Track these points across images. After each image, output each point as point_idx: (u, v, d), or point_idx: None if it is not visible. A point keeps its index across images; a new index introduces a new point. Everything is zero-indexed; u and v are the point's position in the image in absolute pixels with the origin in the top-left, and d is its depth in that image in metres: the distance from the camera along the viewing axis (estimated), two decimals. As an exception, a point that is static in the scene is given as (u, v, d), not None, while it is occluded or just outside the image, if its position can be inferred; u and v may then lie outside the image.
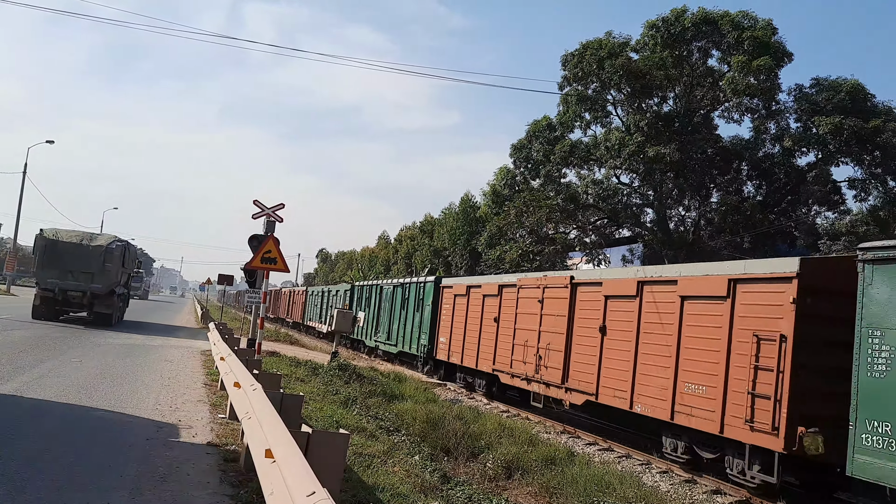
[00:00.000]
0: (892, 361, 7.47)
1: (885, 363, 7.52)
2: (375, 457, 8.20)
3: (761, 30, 28.62)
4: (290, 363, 17.47)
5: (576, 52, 31.99)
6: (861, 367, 7.72)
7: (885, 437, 7.38)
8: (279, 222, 15.25)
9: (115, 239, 25.90)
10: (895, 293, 7.59)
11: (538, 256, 32.75)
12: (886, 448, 7.34)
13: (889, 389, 7.41)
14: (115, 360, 15.42)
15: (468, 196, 51.18)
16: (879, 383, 7.53)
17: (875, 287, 7.77)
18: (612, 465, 11.00)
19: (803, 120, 29.22)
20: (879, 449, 7.42)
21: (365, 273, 65.56)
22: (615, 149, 31.02)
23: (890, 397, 7.39)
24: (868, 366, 7.67)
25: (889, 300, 7.62)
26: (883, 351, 7.56)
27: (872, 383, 7.59)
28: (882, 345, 7.57)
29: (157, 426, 8.58)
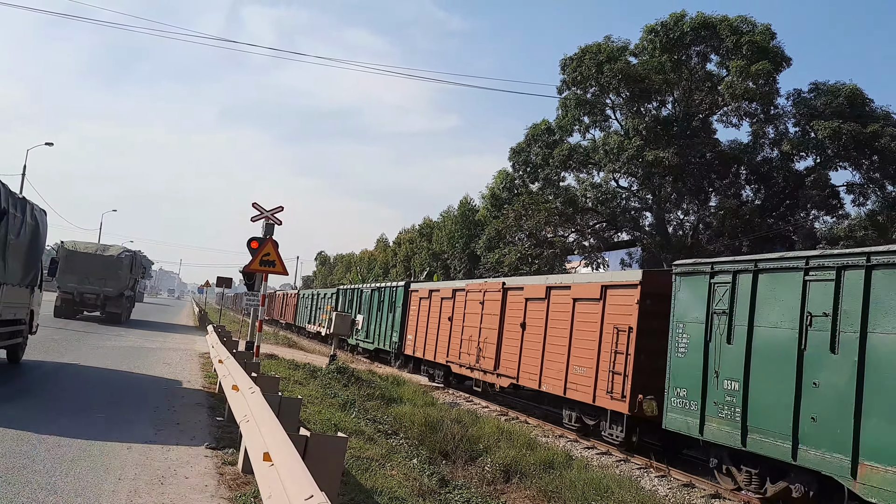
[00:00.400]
0: (689, 345, 10.44)
1: (685, 346, 10.52)
2: (374, 460, 8.19)
3: (760, 35, 28.70)
4: (288, 366, 17.46)
5: (575, 56, 32.05)
6: (671, 349, 10.77)
7: (682, 399, 10.40)
8: (278, 225, 15.26)
9: (125, 250, 30.52)
10: (691, 296, 10.58)
11: (537, 260, 32.76)
12: (683, 407, 10.38)
13: (685, 365, 10.44)
14: (113, 362, 15.40)
15: (467, 199, 51.21)
16: (681, 360, 10.56)
17: (681, 292, 10.82)
18: (610, 468, 10.99)
19: (802, 124, 29.27)
20: (679, 408, 10.43)
21: (364, 276, 65.56)
22: (614, 152, 31.07)
23: (686, 371, 10.41)
24: (675, 348, 10.71)
25: (687, 301, 10.65)
26: (683, 337, 10.57)
27: (677, 361, 10.64)
28: (683, 333, 10.59)
29: (155, 428, 8.57)
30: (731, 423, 9.43)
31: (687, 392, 10.28)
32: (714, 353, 9.95)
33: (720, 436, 9.64)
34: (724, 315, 9.87)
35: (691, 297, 10.59)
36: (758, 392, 9.14)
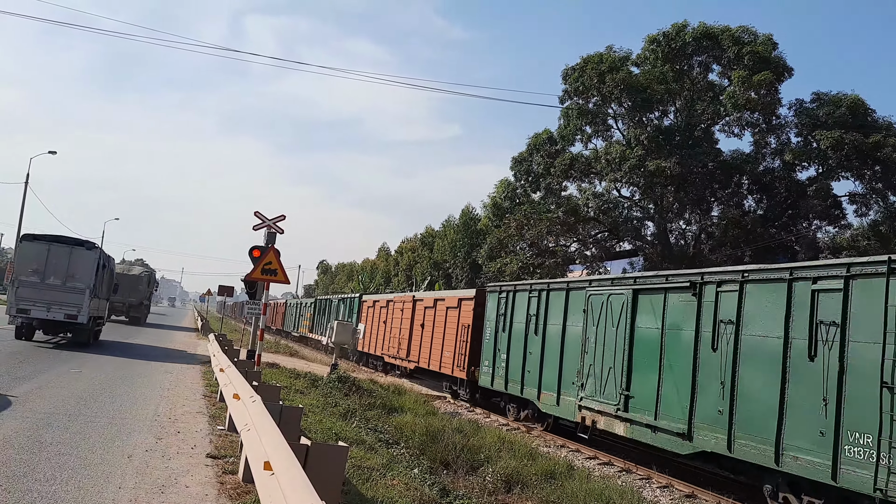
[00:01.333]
0: (489, 334, 17.23)
1: (488, 335, 17.29)
2: (374, 469, 8.16)
3: (761, 45, 28.77)
4: (289, 375, 17.43)
5: (576, 66, 32.14)
6: (484, 337, 17.56)
7: (486, 367, 17.16)
8: (280, 234, 15.28)
9: (144, 270, 41.72)
10: (492, 306, 17.42)
11: (539, 269, 32.74)
12: (486, 372, 17.06)
13: (487, 347, 17.27)
14: (114, 371, 15.39)
15: (469, 208, 51.27)
16: (486, 344, 17.41)
17: (488, 303, 17.68)
18: (612, 479, 10.95)
19: (804, 134, 29.29)
20: (485, 372, 17.15)
21: (365, 285, 65.53)
22: (616, 162, 31.10)
23: (487, 350, 17.25)
24: (483, 337, 17.58)
25: (490, 309, 17.53)
26: (487, 330, 17.43)
27: (484, 344, 17.51)
28: (487, 328, 17.47)
29: (156, 437, 8.56)
30: (504, 378, 16.27)
31: (488, 362, 17.14)
32: (498, 339, 16.80)
33: (499, 386, 16.52)
34: (502, 316, 16.72)
35: (492, 306, 17.48)
36: (512, 361, 16.00)
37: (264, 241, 15.12)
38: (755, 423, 9.20)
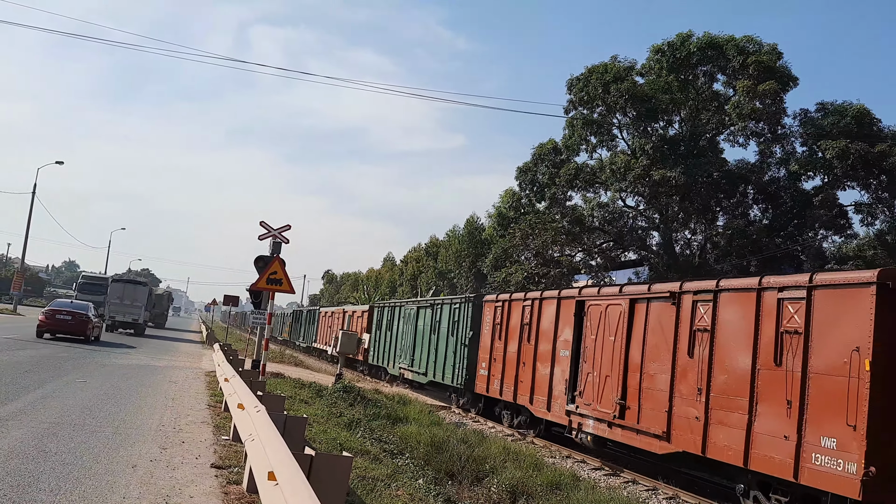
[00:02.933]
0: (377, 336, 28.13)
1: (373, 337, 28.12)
2: (379, 480, 8.14)
3: (766, 54, 28.78)
4: (294, 385, 17.41)
5: (581, 77, 32.21)
6: (372, 335, 29.36)
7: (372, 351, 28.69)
8: (285, 243, 15.29)
9: (165, 290, 69.09)
10: (381, 319, 28.33)
11: (544, 279, 32.68)
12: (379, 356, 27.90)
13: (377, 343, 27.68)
14: (119, 381, 15.41)
15: (473, 218, 51.27)
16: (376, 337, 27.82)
17: (374, 317, 29.74)
18: (617, 490, 10.88)
19: (809, 144, 29.24)
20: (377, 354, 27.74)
21: (370, 294, 65.55)
22: (621, 172, 31.09)
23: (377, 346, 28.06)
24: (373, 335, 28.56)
25: (378, 321, 28.83)
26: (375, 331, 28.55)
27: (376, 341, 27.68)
28: (378, 330, 28.41)
29: (160, 447, 8.55)
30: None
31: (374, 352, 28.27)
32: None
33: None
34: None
35: (380, 318, 27.85)
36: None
37: (270, 250, 15.13)
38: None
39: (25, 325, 33.82)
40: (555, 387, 14.38)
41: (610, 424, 12.40)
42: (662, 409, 11.06)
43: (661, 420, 11.09)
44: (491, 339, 17.68)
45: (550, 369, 14.60)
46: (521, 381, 15.74)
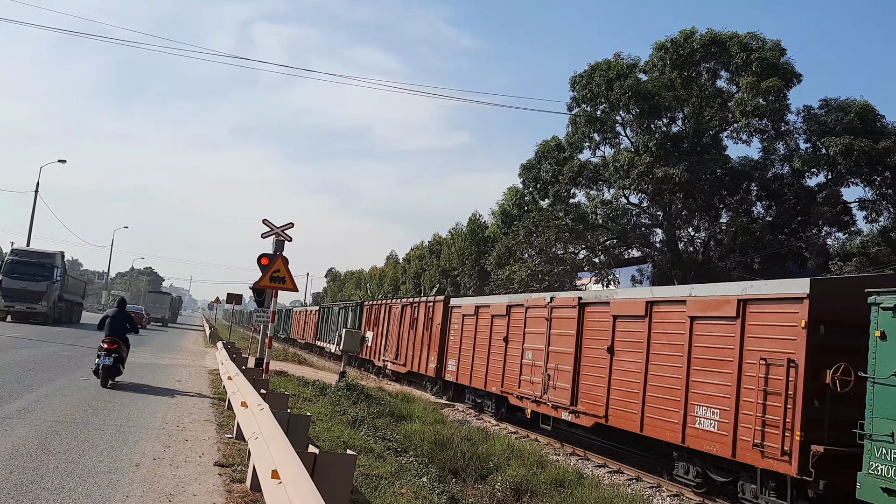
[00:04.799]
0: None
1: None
2: (383, 478, 8.12)
3: (769, 51, 28.67)
4: (297, 383, 17.41)
5: (584, 74, 32.13)
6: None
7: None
8: (288, 241, 15.28)
9: (178, 295, 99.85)
10: (370, 315, 31.64)
11: (547, 277, 32.65)
12: None
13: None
14: (122, 379, 15.40)
15: (476, 216, 51.22)
16: None
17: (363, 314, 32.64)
18: (621, 487, 10.86)
19: (813, 141, 29.15)
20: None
21: (373, 292, 65.56)
22: (624, 169, 31.02)
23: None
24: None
25: (367, 317, 31.83)
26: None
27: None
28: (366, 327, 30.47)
29: (163, 445, 8.54)
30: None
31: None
32: None
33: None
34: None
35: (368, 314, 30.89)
36: None
37: (273, 249, 15.12)
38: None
39: (29, 324, 33.85)
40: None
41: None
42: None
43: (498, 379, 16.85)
44: (459, 336, 19.87)
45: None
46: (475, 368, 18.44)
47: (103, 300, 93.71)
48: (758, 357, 9.16)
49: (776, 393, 8.81)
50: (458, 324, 19.92)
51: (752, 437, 9.03)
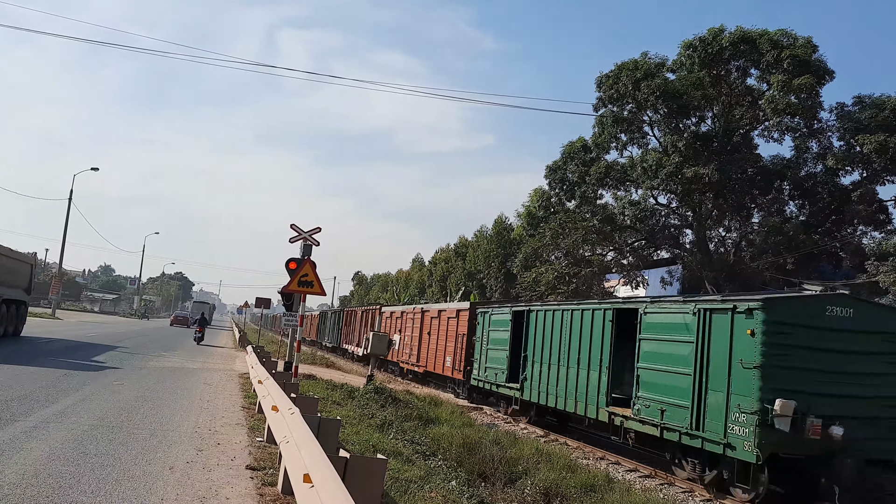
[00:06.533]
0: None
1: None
2: (412, 482, 8.11)
3: (801, 48, 28.22)
4: (326, 386, 17.51)
5: (611, 74, 31.90)
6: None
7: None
8: (316, 246, 15.38)
9: (213, 303, 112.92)
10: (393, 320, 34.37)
11: (574, 279, 32.45)
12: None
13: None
14: (154, 383, 15.63)
15: (502, 218, 51.12)
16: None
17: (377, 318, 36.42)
18: (653, 492, 10.73)
19: (846, 138, 28.59)
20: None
21: (399, 296, 65.72)
22: (652, 169, 30.73)
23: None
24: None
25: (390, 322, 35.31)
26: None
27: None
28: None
29: (196, 449, 8.63)
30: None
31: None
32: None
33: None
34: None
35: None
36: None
37: (300, 253, 15.23)
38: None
39: (64, 329, 34.55)
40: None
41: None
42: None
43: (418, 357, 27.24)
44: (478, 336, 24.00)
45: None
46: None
47: (135, 305, 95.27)
48: (456, 333, 23.27)
49: (461, 348, 22.73)
50: (390, 322, 32.66)
51: (453, 366, 23.10)
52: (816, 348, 10.02)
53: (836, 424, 9.46)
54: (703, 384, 10.83)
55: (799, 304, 10.90)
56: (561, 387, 15.20)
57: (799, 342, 9.97)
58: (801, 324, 10.10)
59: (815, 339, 10.04)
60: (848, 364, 10.12)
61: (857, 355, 10.23)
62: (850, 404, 9.92)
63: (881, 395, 10.28)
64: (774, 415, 9.39)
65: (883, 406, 10.25)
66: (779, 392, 9.54)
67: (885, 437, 10.14)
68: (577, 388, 14.48)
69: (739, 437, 9.90)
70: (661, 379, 11.90)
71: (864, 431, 9.83)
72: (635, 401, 12.38)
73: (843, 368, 10.10)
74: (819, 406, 9.60)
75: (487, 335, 19.86)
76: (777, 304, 10.33)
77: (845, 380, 10.09)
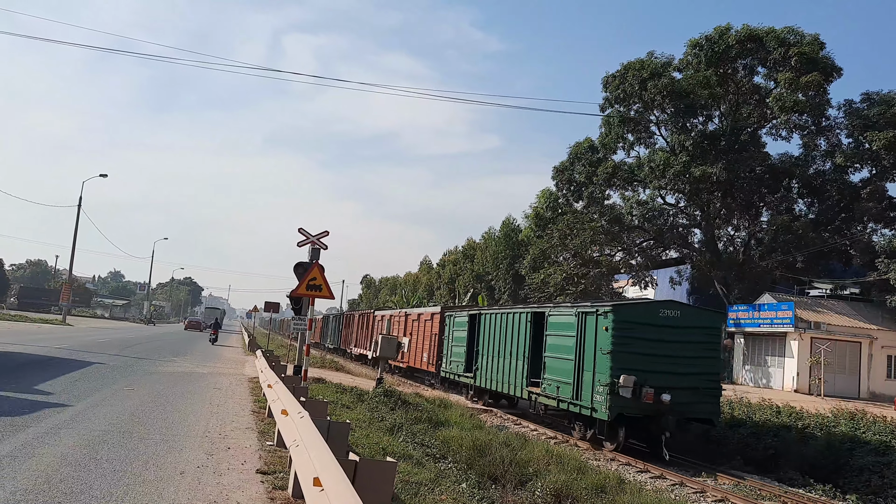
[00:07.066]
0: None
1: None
2: (423, 484, 8.10)
3: (808, 45, 28.13)
4: (335, 390, 17.52)
5: (617, 74, 31.87)
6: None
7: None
8: (324, 249, 15.39)
9: (222, 309, 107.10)
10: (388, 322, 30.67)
11: (583, 280, 32.38)
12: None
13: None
14: (165, 388, 15.68)
15: (510, 219, 51.09)
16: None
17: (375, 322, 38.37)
18: (664, 493, 10.68)
19: (855, 135, 28.48)
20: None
21: (408, 298, 65.73)
22: (660, 169, 30.65)
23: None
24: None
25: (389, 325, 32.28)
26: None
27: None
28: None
29: (206, 453, 8.66)
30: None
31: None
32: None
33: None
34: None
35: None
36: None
37: (309, 257, 15.24)
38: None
39: (74, 335, 34.74)
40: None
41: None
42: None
43: (403, 355, 26.33)
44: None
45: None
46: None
47: (145, 310, 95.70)
48: (430, 333, 26.49)
49: (433, 346, 25.66)
50: (381, 325, 33.26)
51: (428, 361, 26.44)
52: (651, 339, 13.74)
53: (665, 393, 13.23)
54: (580, 366, 14.63)
55: (639, 308, 15.09)
56: (500, 374, 18.99)
57: (639, 335, 13.74)
58: (641, 322, 13.96)
59: (650, 333, 13.80)
60: (674, 350, 13.85)
61: (681, 344, 13.95)
62: (674, 378, 13.65)
63: (697, 371, 14.10)
64: (620, 386, 13.23)
65: (698, 379, 14.08)
66: (624, 370, 13.37)
67: (699, 402, 14.02)
68: (509, 374, 18.36)
69: (599, 402, 13.80)
70: (557, 364, 15.65)
71: (684, 397, 13.58)
72: (542, 381, 16.25)
73: (671, 353, 13.80)
74: (652, 380, 13.40)
75: (452, 334, 23.65)
76: (623, 308, 14.39)
77: (672, 361, 13.77)
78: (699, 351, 14.21)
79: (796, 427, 15.47)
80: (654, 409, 13.21)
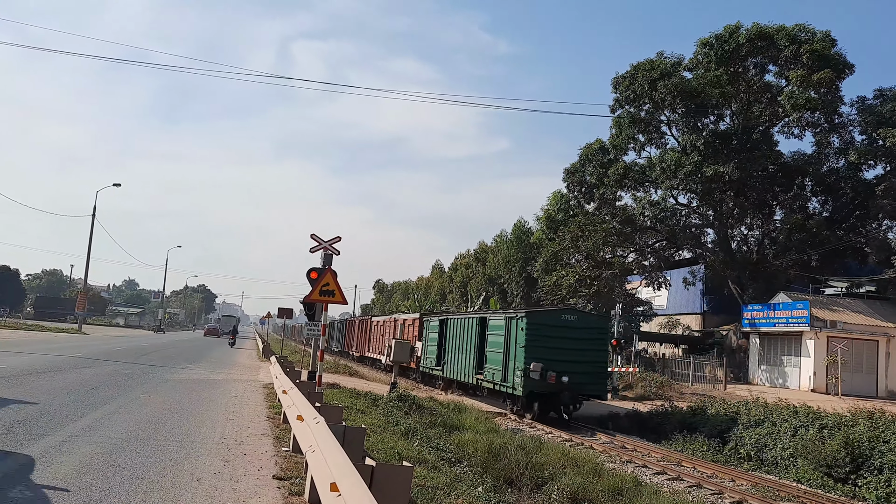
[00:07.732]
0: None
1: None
2: (438, 489, 8.10)
3: (819, 42, 27.95)
4: (350, 395, 17.55)
5: (627, 74, 31.77)
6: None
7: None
8: (336, 255, 15.43)
9: (237, 317, 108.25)
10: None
11: (596, 281, 32.26)
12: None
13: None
14: (180, 395, 15.77)
15: (521, 222, 51.02)
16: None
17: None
18: (681, 494, 10.63)
19: (868, 132, 28.25)
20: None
21: (421, 302, 65.77)
22: (671, 169, 30.51)
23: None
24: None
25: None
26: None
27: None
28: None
29: (223, 460, 8.69)
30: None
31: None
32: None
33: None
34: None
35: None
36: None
37: (321, 262, 15.29)
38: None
39: (90, 344, 35.01)
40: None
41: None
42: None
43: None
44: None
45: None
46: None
47: (159, 317, 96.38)
48: (412, 335, 30.49)
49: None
50: (378, 329, 38.75)
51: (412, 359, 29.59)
52: (555, 336, 18.96)
53: (564, 376, 18.34)
54: (507, 357, 19.77)
55: (546, 314, 20.54)
56: (459, 366, 23.87)
57: (545, 333, 18.94)
58: (547, 324, 19.27)
59: (554, 332, 19.04)
60: (571, 344, 19.00)
61: (577, 340, 19.16)
62: (571, 365, 18.71)
63: (588, 360, 19.24)
64: (530, 371, 18.33)
65: (589, 365, 19.17)
66: (534, 359, 18.49)
67: (589, 382, 19.16)
68: (465, 366, 23.16)
69: (517, 384, 18.99)
70: (494, 356, 20.77)
71: (578, 379, 18.70)
72: (485, 370, 21.39)
73: (569, 347, 18.92)
74: (554, 366, 18.52)
75: (427, 336, 28.32)
76: (534, 314, 19.83)
77: (570, 353, 18.85)
78: (591, 345, 19.57)
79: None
80: (557, 388, 18.46)
